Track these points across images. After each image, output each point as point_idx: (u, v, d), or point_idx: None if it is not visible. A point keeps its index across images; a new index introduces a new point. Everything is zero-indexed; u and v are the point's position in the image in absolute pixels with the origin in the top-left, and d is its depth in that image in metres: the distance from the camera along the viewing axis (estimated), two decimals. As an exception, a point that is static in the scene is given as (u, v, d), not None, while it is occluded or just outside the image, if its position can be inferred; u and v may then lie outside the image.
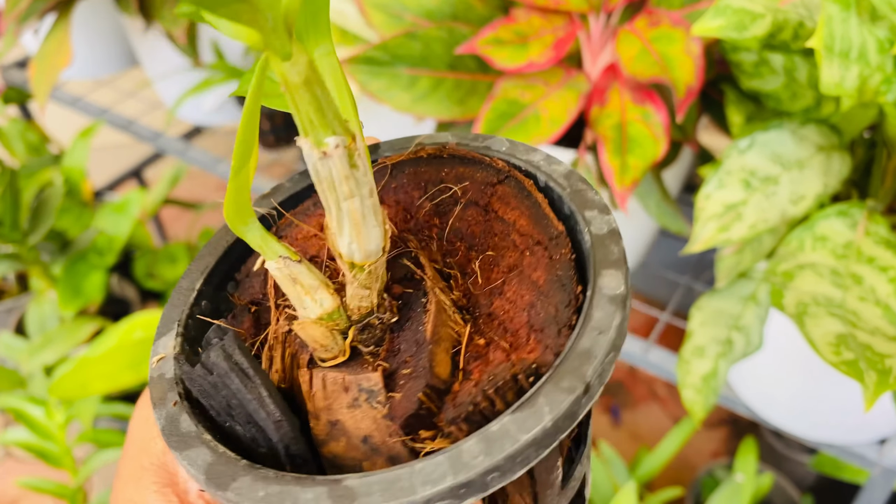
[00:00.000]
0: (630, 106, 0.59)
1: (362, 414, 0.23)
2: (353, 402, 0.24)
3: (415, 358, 0.24)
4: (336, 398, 0.24)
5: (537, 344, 0.24)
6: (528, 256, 0.26)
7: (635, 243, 0.82)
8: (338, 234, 0.23)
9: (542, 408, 0.21)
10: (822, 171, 0.52)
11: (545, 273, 0.25)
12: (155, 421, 0.27)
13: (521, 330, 0.24)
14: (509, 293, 0.26)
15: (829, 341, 0.43)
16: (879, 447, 0.71)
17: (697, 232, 0.50)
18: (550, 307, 0.24)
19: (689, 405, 0.59)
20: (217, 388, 0.24)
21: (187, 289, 0.28)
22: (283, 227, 0.30)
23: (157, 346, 0.26)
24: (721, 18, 0.46)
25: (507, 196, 0.28)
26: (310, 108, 0.20)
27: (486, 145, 0.30)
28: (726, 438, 1.46)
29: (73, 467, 1.05)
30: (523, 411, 0.21)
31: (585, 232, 0.26)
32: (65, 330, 1.08)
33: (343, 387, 0.24)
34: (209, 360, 0.24)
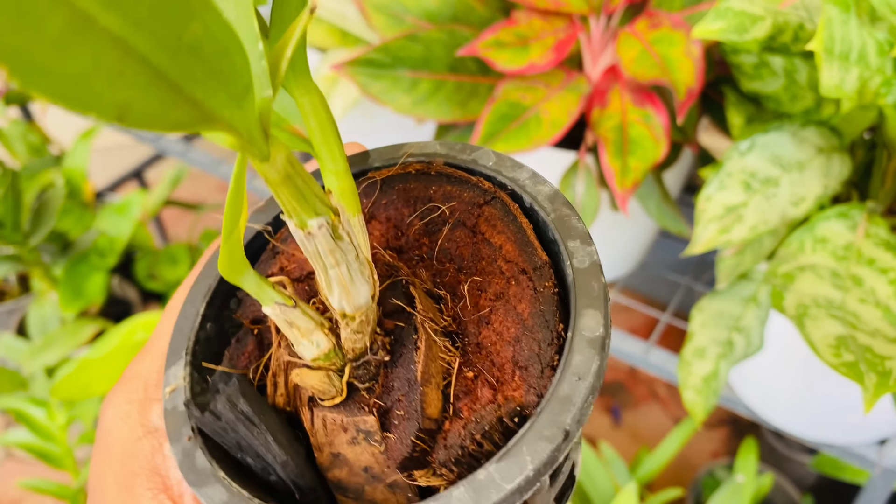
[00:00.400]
0: (631, 108, 0.59)
1: (361, 449, 0.25)
2: (353, 440, 0.25)
3: (407, 398, 0.25)
4: (336, 436, 0.25)
5: (522, 382, 0.25)
6: (513, 286, 0.27)
7: (636, 244, 0.82)
8: (329, 293, 0.24)
9: (524, 457, 0.22)
10: (823, 172, 0.52)
11: (529, 306, 0.26)
12: (132, 418, 0.28)
13: (507, 365, 0.26)
14: (496, 323, 0.27)
15: (829, 343, 0.43)
16: (879, 447, 0.71)
17: (698, 234, 0.50)
18: (534, 344, 0.26)
19: (689, 406, 0.59)
20: (226, 430, 0.25)
21: (192, 314, 0.28)
22: (281, 240, 0.31)
23: (167, 375, 0.27)
24: (721, 21, 0.46)
25: (493, 218, 0.29)
26: (291, 198, 0.21)
27: (473, 158, 0.30)
28: (727, 438, 1.46)
29: (75, 468, 1.05)
30: (508, 460, 0.22)
31: (568, 265, 0.27)
32: (66, 331, 1.08)
33: (342, 427, 0.25)
34: (216, 409, 0.25)
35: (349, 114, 0.79)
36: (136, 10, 0.13)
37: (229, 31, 0.15)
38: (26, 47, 0.11)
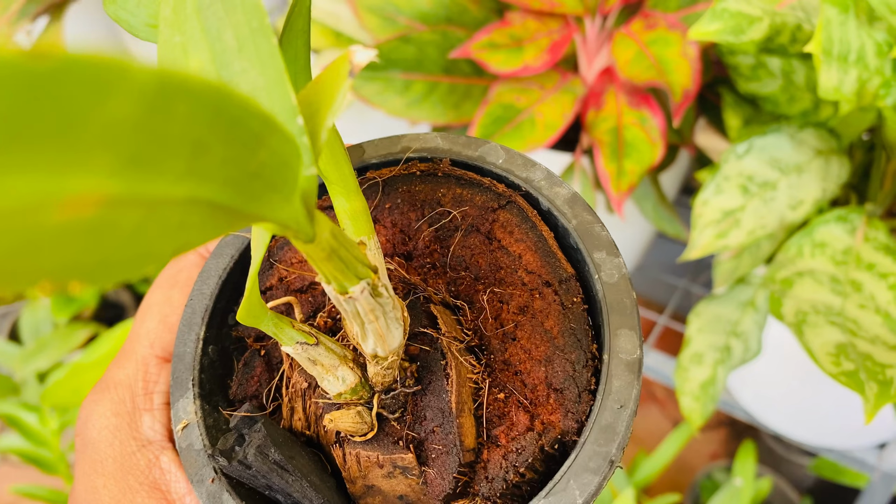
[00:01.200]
0: (626, 110, 0.58)
1: (398, 482, 0.24)
2: (389, 474, 0.24)
3: (442, 430, 0.24)
4: (371, 471, 0.24)
5: (558, 406, 0.24)
6: (538, 299, 0.26)
7: (632, 246, 0.82)
8: (363, 342, 0.23)
9: (573, 491, 0.22)
10: (821, 175, 0.51)
11: (558, 323, 0.25)
12: (123, 431, 0.27)
13: (540, 386, 0.25)
14: (523, 340, 0.25)
15: (829, 351, 0.42)
16: (879, 451, 0.70)
17: (695, 238, 0.50)
18: (567, 365, 0.25)
19: (687, 412, 0.59)
20: (256, 478, 0.24)
21: (191, 339, 0.27)
22: (276, 251, 0.30)
23: (176, 409, 0.26)
24: (718, 22, 0.45)
25: (510, 224, 0.27)
26: (334, 270, 0.20)
27: (480, 154, 0.29)
28: (725, 440, 1.45)
29: (68, 473, 1.05)
30: (557, 496, 0.22)
31: (596, 279, 0.25)
32: (58, 336, 1.07)
33: (377, 464, 0.24)
34: (246, 461, 0.24)
35: (341, 116, 0.78)
36: (208, 169, 0.12)
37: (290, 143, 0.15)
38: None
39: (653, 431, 1.48)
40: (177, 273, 0.30)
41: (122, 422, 0.27)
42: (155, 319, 0.29)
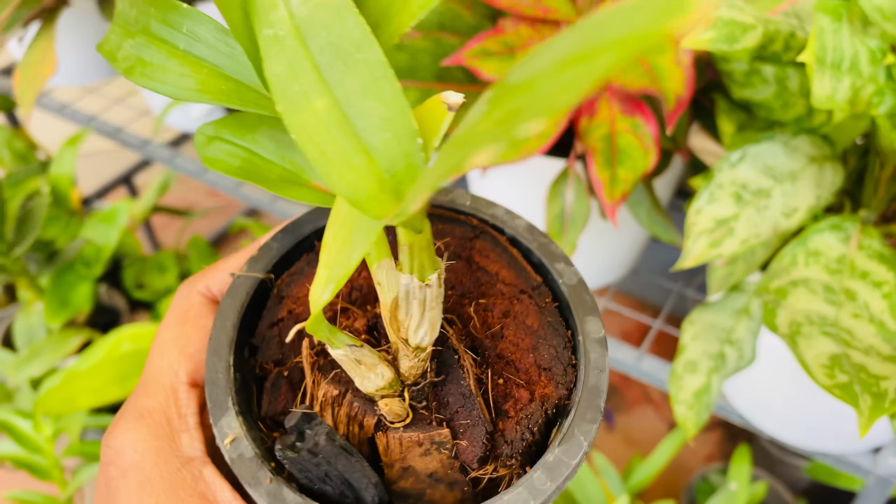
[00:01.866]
0: (619, 117, 0.58)
1: (431, 458, 0.28)
2: (426, 452, 0.28)
3: (465, 409, 0.29)
4: (410, 451, 0.28)
5: (549, 381, 0.30)
6: (517, 304, 0.31)
7: (627, 251, 0.81)
8: (413, 331, 0.27)
9: (579, 438, 0.28)
10: (815, 182, 0.51)
11: (537, 319, 0.31)
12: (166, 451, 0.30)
13: (532, 369, 0.30)
14: (510, 336, 0.31)
15: (823, 363, 0.42)
16: (874, 456, 0.70)
17: (688, 248, 0.49)
18: (550, 349, 0.30)
19: (681, 421, 0.58)
20: (319, 465, 0.27)
21: (223, 367, 0.30)
22: (283, 288, 0.33)
23: (220, 426, 0.29)
24: (711, 31, 0.45)
25: (485, 249, 0.33)
26: (424, 259, 0.24)
27: (451, 199, 0.35)
28: (720, 441, 1.45)
29: (63, 480, 1.04)
30: (567, 443, 0.28)
31: (560, 283, 0.32)
32: (52, 342, 1.06)
33: (417, 443, 0.28)
34: (317, 447, 0.27)
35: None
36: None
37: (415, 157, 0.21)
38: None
39: (648, 433, 1.48)
40: (185, 312, 0.33)
41: (164, 443, 0.30)
42: (174, 352, 0.32)
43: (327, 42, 0.21)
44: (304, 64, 0.21)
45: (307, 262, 0.34)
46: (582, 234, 0.64)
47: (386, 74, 0.21)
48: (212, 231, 1.83)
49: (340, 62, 0.21)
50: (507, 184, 0.73)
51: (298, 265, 0.34)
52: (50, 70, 0.89)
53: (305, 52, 0.21)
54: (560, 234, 0.64)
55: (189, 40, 0.26)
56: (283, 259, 0.34)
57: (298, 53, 0.21)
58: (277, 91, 0.20)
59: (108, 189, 1.70)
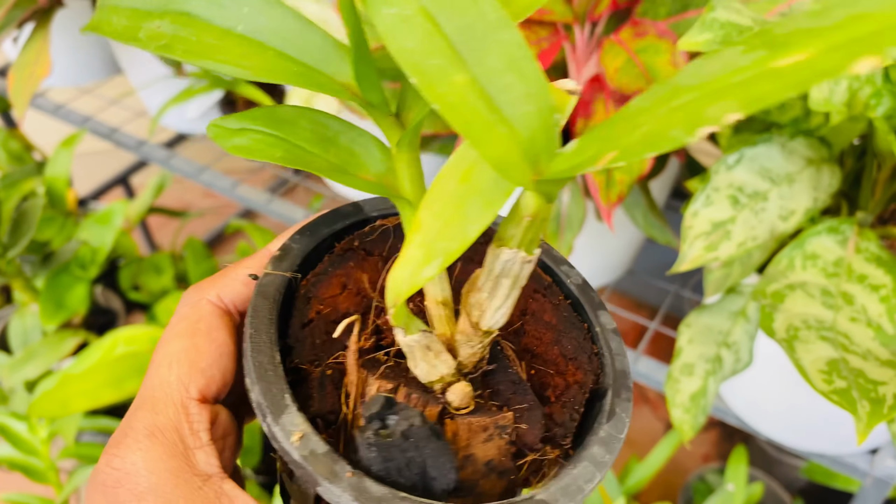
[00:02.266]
0: (616, 119, 0.58)
1: (492, 445, 0.29)
2: (489, 437, 0.29)
3: (518, 394, 0.30)
4: (476, 437, 0.29)
5: (577, 369, 0.32)
6: (532, 303, 0.33)
7: (623, 252, 0.81)
8: (492, 310, 0.27)
9: (621, 415, 0.30)
10: (812, 185, 0.51)
11: (554, 315, 0.33)
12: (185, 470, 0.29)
13: (559, 359, 0.32)
14: (532, 332, 0.32)
15: (820, 368, 0.42)
16: (871, 457, 0.70)
17: (685, 251, 0.49)
18: (572, 340, 0.32)
19: (677, 424, 0.58)
20: (406, 450, 0.27)
21: (273, 366, 0.30)
22: (310, 288, 0.33)
23: (282, 423, 0.28)
24: (708, 33, 0.45)
25: None
26: (536, 234, 0.25)
27: None
28: (717, 441, 1.45)
29: (58, 482, 1.04)
30: (613, 421, 0.30)
31: (568, 283, 0.34)
32: (47, 344, 1.06)
33: (484, 428, 0.29)
34: (410, 429, 0.27)
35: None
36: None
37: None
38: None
39: (645, 432, 1.48)
40: (196, 323, 0.32)
41: (181, 463, 0.29)
42: (184, 366, 0.31)
43: (463, 23, 0.22)
44: (437, 41, 0.22)
45: (330, 264, 0.33)
46: (578, 236, 0.64)
47: (525, 54, 0.22)
48: (208, 232, 1.83)
49: (476, 41, 0.22)
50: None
51: (322, 266, 0.33)
52: (44, 71, 0.89)
53: (437, 30, 0.22)
54: (556, 237, 0.64)
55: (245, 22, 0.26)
56: (305, 260, 0.33)
57: (430, 31, 0.22)
58: (409, 65, 0.21)
59: (104, 190, 1.70)
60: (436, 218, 0.23)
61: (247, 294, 0.33)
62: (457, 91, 0.22)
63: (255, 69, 0.26)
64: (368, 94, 0.27)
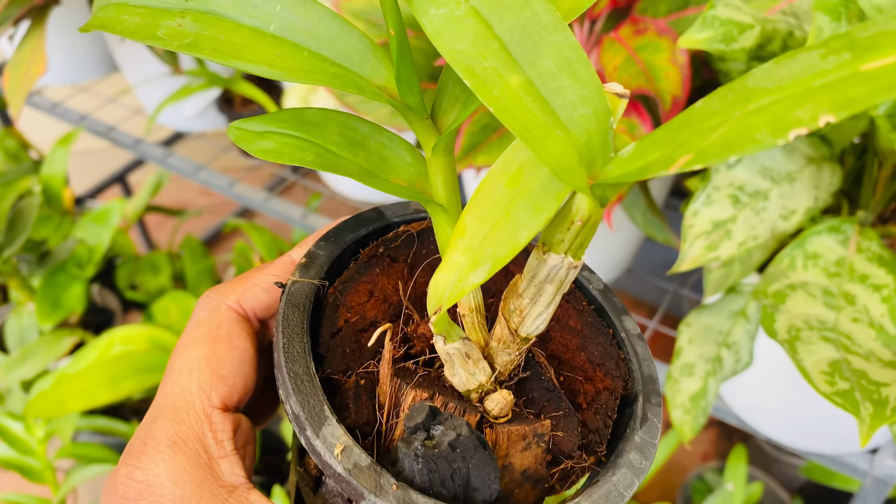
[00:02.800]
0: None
1: (530, 453, 0.29)
2: (527, 446, 0.29)
3: (553, 402, 0.30)
4: (514, 446, 0.28)
5: (605, 375, 0.31)
6: (557, 309, 0.31)
7: (622, 251, 0.81)
8: (532, 317, 0.27)
9: (654, 420, 0.30)
10: (813, 184, 0.51)
11: (579, 321, 0.33)
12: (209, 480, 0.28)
13: (586, 365, 0.32)
14: (557, 338, 0.32)
15: (823, 369, 0.42)
16: (871, 457, 0.70)
17: (685, 251, 0.49)
18: (599, 346, 0.32)
19: (677, 425, 0.58)
20: (452, 461, 0.27)
21: (308, 377, 0.29)
22: (338, 296, 0.32)
23: (324, 436, 0.27)
24: (708, 30, 0.45)
25: (519, 258, 0.33)
26: (587, 237, 0.25)
27: None
28: (716, 440, 1.45)
29: (55, 482, 1.03)
30: (646, 426, 0.30)
31: (590, 288, 0.34)
32: (43, 343, 1.06)
33: (522, 436, 0.28)
34: (458, 440, 0.26)
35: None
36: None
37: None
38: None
39: (644, 432, 1.47)
40: (216, 329, 0.31)
41: (206, 473, 0.28)
42: (206, 374, 0.30)
43: (515, 24, 0.22)
44: (490, 42, 0.22)
45: (356, 271, 0.33)
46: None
47: (580, 57, 0.22)
48: (205, 231, 1.82)
49: (530, 43, 0.22)
50: (502, 184, 0.73)
51: (348, 273, 0.33)
52: (40, 69, 0.88)
53: (490, 32, 0.22)
54: (555, 235, 0.64)
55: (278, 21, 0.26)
56: (333, 268, 0.33)
57: (482, 32, 0.22)
58: (462, 66, 0.21)
59: (101, 188, 1.69)
60: (482, 223, 0.23)
61: (267, 301, 0.33)
62: (512, 93, 0.21)
63: (290, 70, 0.25)
64: (407, 97, 0.26)
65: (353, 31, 0.27)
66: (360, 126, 0.29)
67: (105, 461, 1.03)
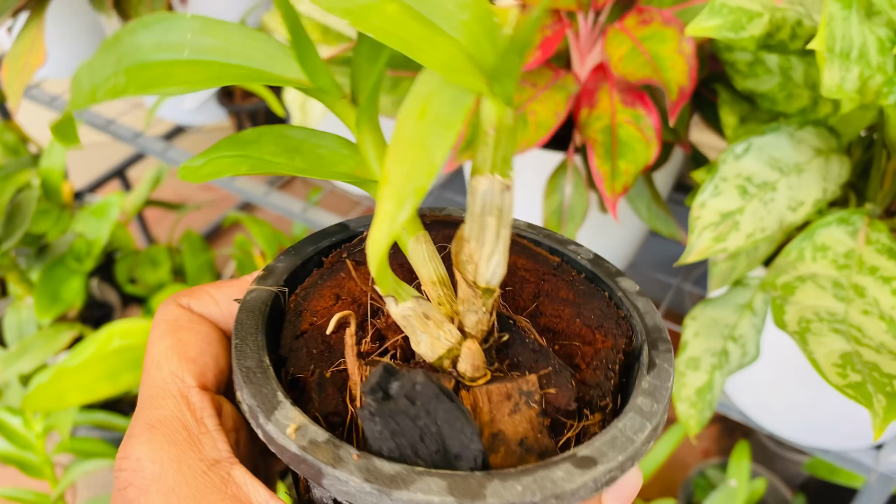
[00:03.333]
0: (620, 108, 0.56)
1: (521, 417, 0.26)
2: (514, 408, 0.26)
3: (541, 363, 0.28)
4: (499, 408, 0.26)
5: (605, 335, 0.30)
6: (544, 284, 0.31)
7: (625, 245, 0.80)
8: (485, 261, 0.26)
9: (662, 365, 0.28)
10: (821, 175, 0.50)
11: (570, 291, 0.31)
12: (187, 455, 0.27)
13: (583, 331, 0.30)
14: (549, 311, 0.30)
15: (834, 361, 0.41)
16: (876, 453, 0.69)
17: (693, 242, 0.48)
18: (595, 310, 0.30)
19: (683, 419, 0.57)
20: (416, 417, 0.24)
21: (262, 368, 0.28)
22: (300, 302, 0.32)
23: (276, 420, 0.26)
24: (717, 18, 0.44)
25: None
26: (508, 149, 0.25)
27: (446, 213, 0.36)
28: (718, 436, 1.44)
29: (54, 477, 1.03)
30: (654, 371, 0.28)
31: (579, 258, 0.32)
32: (42, 337, 1.05)
33: (506, 395, 0.26)
34: (413, 390, 0.24)
35: (329, 115, 0.76)
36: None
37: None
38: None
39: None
40: (175, 321, 0.31)
41: (184, 449, 0.27)
42: (174, 360, 0.30)
43: None
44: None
45: (320, 277, 0.33)
46: (581, 228, 0.63)
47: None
48: (205, 225, 1.81)
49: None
50: (505, 177, 0.72)
51: (311, 279, 0.32)
52: (39, 61, 0.87)
53: None
54: (558, 229, 0.63)
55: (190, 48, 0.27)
56: (292, 276, 0.33)
57: None
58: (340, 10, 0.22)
59: (100, 183, 1.69)
60: (401, 164, 0.22)
61: (219, 312, 0.33)
62: (391, 18, 0.22)
63: (200, 83, 0.27)
64: (316, 80, 0.27)
65: (263, 38, 0.28)
66: (294, 133, 0.30)
67: (104, 456, 1.02)
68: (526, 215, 0.73)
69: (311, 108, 0.76)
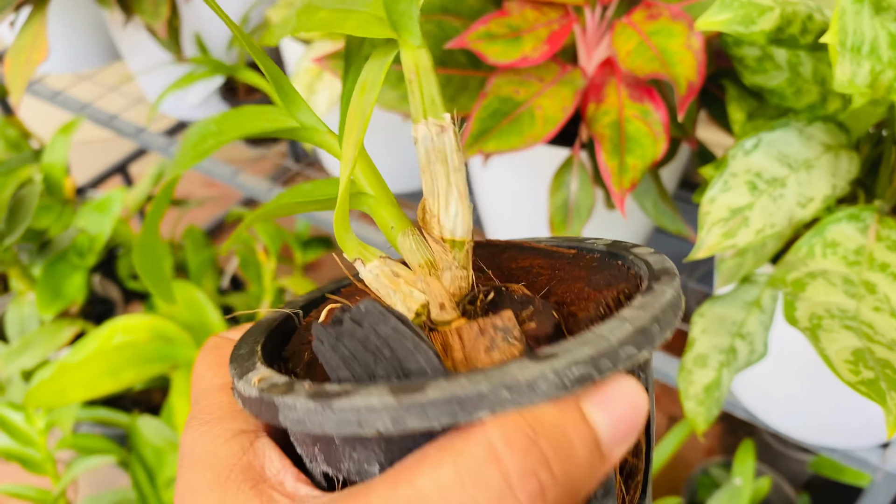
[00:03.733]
0: (628, 103, 0.56)
1: (500, 353, 0.24)
2: (491, 345, 0.24)
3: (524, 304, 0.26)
4: (473, 346, 0.25)
5: (616, 287, 0.28)
6: (558, 272, 0.30)
7: (631, 241, 0.80)
8: (444, 210, 0.26)
9: (656, 287, 0.26)
10: (831, 171, 0.50)
11: (584, 270, 0.30)
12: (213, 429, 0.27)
13: (592, 293, 0.28)
14: (559, 290, 0.28)
15: (846, 358, 0.41)
16: (882, 451, 0.69)
17: (702, 238, 0.48)
18: (606, 275, 0.29)
19: (691, 417, 0.57)
20: (367, 339, 0.23)
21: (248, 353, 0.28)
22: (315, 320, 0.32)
23: (247, 378, 0.26)
24: (727, 12, 0.43)
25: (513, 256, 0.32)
26: (433, 90, 0.25)
27: None
28: (721, 434, 1.44)
29: (56, 473, 1.03)
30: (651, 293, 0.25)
31: (595, 247, 0.31)
32: (44, 333, 1.05)
33: (478, 331, 0.25)
34: (359, 313, 0.24)
35: (335, 108, 0.76)
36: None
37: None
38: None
39: (648, 426, 1.46)
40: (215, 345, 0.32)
41: (211, 426, 0.28)
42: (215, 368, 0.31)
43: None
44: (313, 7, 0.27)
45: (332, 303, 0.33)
46: (586, 225, 0.63)
47: None
48: (208, 221, 1.81)
49: None
50: (509, 174, 0.72)
51: (323, 305, 0.32)
52: (41, 56, 0.87)
53: None
54: (564, 226, 0.63)
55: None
56: (310, 305, 0.33)
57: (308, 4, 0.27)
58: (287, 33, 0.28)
59: (102, 178, 1.68)
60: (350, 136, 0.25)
61: None
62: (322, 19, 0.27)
63: None
64: None
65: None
66: None
67: (106, 452, 1.02)
68: (531, 212, 0.73)
69: (315, 103, 0.76)
